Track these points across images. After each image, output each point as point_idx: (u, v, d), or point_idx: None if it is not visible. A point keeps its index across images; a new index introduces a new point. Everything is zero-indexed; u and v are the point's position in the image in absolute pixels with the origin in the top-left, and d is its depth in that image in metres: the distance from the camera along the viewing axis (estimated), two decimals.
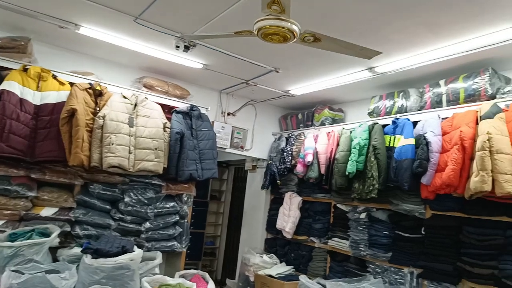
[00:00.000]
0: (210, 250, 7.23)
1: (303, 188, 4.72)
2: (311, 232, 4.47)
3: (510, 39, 2.68)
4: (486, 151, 2.57)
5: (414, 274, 3.31)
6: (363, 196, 3.57)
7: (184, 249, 3.95)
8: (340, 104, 4.88)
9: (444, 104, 3.33)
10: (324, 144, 4.26)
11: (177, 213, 3.89)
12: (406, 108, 3.64)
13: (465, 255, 2.94)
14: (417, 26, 2.71)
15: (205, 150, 4.01)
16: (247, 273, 4.68)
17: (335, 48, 2.31)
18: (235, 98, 5.05)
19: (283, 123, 5.40)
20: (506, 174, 2.49)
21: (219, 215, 7.43)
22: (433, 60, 3.18)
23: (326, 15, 2.64)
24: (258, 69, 3.87)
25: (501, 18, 2.50)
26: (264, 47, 3.06)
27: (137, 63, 4.13)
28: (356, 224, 3.89)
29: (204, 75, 4.29)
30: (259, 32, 2.08)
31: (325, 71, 3.82)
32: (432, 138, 3.08)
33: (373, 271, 3.70)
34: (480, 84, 3.07)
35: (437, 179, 2.99)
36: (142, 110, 3.63)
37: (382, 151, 3.50)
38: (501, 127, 2.64)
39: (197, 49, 3.42)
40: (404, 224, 3.50)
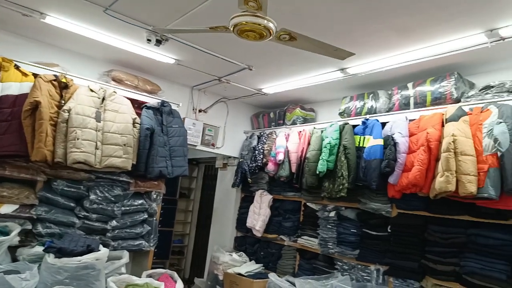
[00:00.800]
0: (178, 249, 7.13)
1: (273, 187, 4.74)
2: (281, 230, 4.49)
3: (475, 45, 2.80)
4: (451, 152, 2.67)
5: (380, 271, 3.39)
6: (333, 195, 3.63)
7: (152, 248, 3.86)
8: (311, 104, 4.93)
9: (412, 106, 3.44)
10: (295, 143, 4.29)
11: (145, 211, 3.79)
12: (375, 109, 3.73)
13: (429, 253, 3.05)
14: (388, 30, 2.77)
15: (176, 147, 3.93)
16: (216, 272, 4.64)
17: (310, 48, 2.32)
18: (207, 95, 5.00)
19: (255, 121, 5.40)
20: (469, 175, 2.59)
21: (188, 213, 7.34)
22: (402, 63, 3.27)
23: (301, 14, 2.65)
24: (231, 66, 3.84)
25: (468, 25, 2.60)
26: (238, 44, 3.03)
27: (106, 56, 3.99)
28: (325, 222, 3.94)
29: (176, 71, 4.21)
30: (235, 28, 2.06)
31: (298, 71, 3.84)
32: (400, 139, 3.16)
33: (341, 268, 3.77)
34: (446, 88, 3.18)
35: (403, 179, 3.07)
36: (110, 104, 3.51)
37: (352, 151, 3.56)
38: (465, 130, 2.74)
39: (169, 43, 3.34)
40: (372, 223, 3.58)
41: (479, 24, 2.58)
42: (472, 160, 2.63)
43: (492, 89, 2.97)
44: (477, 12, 2.44)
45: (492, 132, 2.57)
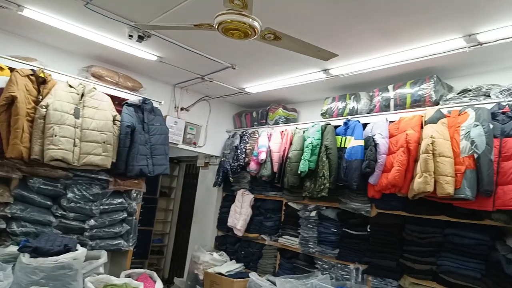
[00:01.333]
0: (157, 248, 7.04)
1: (255, 186, 4.74)
2: (262, 229, 4.50)
3: (454, 49, 2.87)
4: (430, 154, 2.73)
5: (359, 270, 3.44)
6: (314, 194, 3.66)
7: (131, 248, 3.80)
8: (294, 104, 4.96)
9: (392, 108, 3.50)
10: (277, 142, 4.30)
11: (124, 210, 3.73)
12: (357, 110, 3.78)
13: (407, 252, 3.12)
14: (371, 32, 2.81)
15: (157, 145, 3.88)
16: (196, 271, 4.61)
17: (294, 48, 2.33)
18: (189, 93, 4.95)
19: (237, 120, 5.39)
20: (447, 176, 2.65)
21: (168, 212, 7.25)
22: (383, 65, 3.33)
23: (286, 14, 2.65)
24: (214, 64, 3.81)
25: (448, 29, 2.67)
26: (222, 42, 3.02)
27: (86, 51, 3.90)
28: (306, 222, 3.97)
29: (158, 68, 4.15)
30: (219, 26, 2.05)
31: (281, 70, 3.85)
32: (380, 140, 3.21)
33: (321, 267, 3.80)
34: (426, 91, 3.25)
35: (383, 179, 3.12)
36: (89, 101, 3.43)
37: (333, 151, 3.60)
38: (444, 132, 2.81)
39: (152, 40, 3.30)
40: (351, 222, 3.63)
41: (459, 29, 2.65)
42: (450, 161, 2.70)
43: (470, 92, 3.05)
44: (457, 18, 2.50)
45: (469, 134, 2.64)
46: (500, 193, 2.49)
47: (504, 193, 2.47)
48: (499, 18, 2.44)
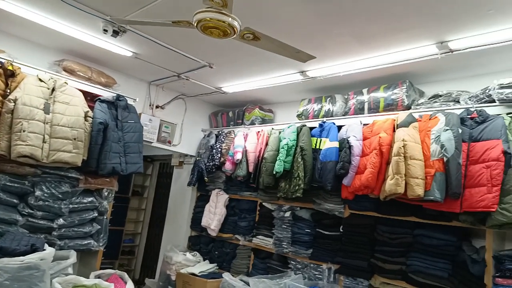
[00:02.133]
0: (128, 249, 6.89)
1: (230, 186, 4.72)
2: (236, 229, 4.49)
3: (427, 55, 2.96)
4: (401, 156, 2.80)
5: (331, 269, 3.49)
6: (288, 195, 3.68)
7: (102, 248, 3.70)
8: (270, 105, 4.97)
9: (366, 111, 3.57)
10: (253, 143, 4.31)
11: (95, 209, 3.63)
12: (332, 112, 3.83)
13: (378, 252, 3.19)
14: (348, 36, 2.86)
15: (131, 143, 3.80)
16: (168, 272, 4.54)
17: (273, 48, 2.34)
18: (165, 90, 4.88)
19: (213, 120, 5.35)
20: (417, 178, 2.73)
21: (140, 212, 7.12)
22: (359, 69, 3.39)
23: (265, 14, 2.65)
24: (191, 62, 3.77)
25: (421, 36, 2.75)
26: (199, 40, 2.99)
27: (58, 44, 3.77)
28: (280, 222, 3.99)
29: (133, 64, 4.07)
30: (198, 24, 2.02)
31: (258, 71, 3.86)
32: (354, 142, 3.27)
33: (294, 267, 3.83)
34: (398, 95, 3.34)
35: (356, 181, 3.18)
36: (60, 96, 3.32)
37: (308, 152, 3.64)
38: (415, 135, 2.89)
39: (127, 35, 3.23)
40: (325, 223, 3.68)
41: (431, 37, 2.73)
42: (420, 164, 2.77)
43: (440, 98, 3.16)
44: (430, 26, 2.58)
45: (439, 138, 2.73)
46: (467, 196, 2.59)
47: (471, 195, 2.57)
48: (469, 27, 2.54)
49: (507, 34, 2.53)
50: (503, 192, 2.45)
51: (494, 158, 2.50)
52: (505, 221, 2.42)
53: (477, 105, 2.87)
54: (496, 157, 2.49)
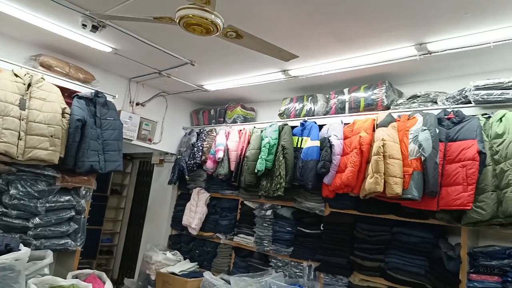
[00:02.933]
0: (107, 248, 6.78)
1: (211, 185, 4.70)
2: (217, 228, 4.47)
3: (406, 57, 3.02)
4: (381, 155, 2.85)
5: (312, 267, 3.52)
6: (270, 193, 3.69)
7: (79, 247, 3.62)
8: (252, 103, 4.97)
9: (347, 110, 3.62)
10: (235, 141, 4.30)
11: (72, 208, 3.55)
12: (313, 111, 3.86)
13: (357, 250, 3.23)
14: (330, 36, 2.88)
15: (110, 140, 3.73)
16: (148, 272, 4.49)
17: (256, 47, 2.34)
18: (145, 88, 4.81)
19: (195, 118, 5.31)
20: (395, 177, 2.78)
21: (119, 211, 7.00)
22: (340, 69, 3.43)
23: (249, 13, 2.65)
24: (173, 60, 3.73)
25: (400, 38, 2.80)
26: (181, 37, 2.96)
27: (34, 39, 3.66)
28: (261, 220, 4.00)
29: (113, 60, 3.99)
30: (181, 21, 2.00)
31: (241, 69, 3.85)
32: (335, 141, 3.31)
33: (275, 265, 3.85)
34: (378, 95, 3.40)
35: (337, 180, 3.21)
36: (37, 91, 3.23)
37: (290, 151, 3.66)
38: (394, 135, 2.95)
39: (107, 30, 3.16)
40: (306, 221, 3.71)
41: (411, 38, 2.79)
42: (399, 163, 2.83)
43: (418, 98, 3.23)
44: (409, 27, 2.63)
45: (417, 138, 2.79)
46: (444, 194, 2.66)
47: (447, 194, 2.64)
48: (447, 29, 2.61)
49: (482, 38, 2.61)
50: (478, 191, 2.53)
51: (470, 158, 2.57)
52: (479, 219, 2.49)
53: (454, 106, 2.95)
54: (472, 157, 2.56)
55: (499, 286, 2.52)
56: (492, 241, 2.82)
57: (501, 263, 2.53)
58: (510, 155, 2.43)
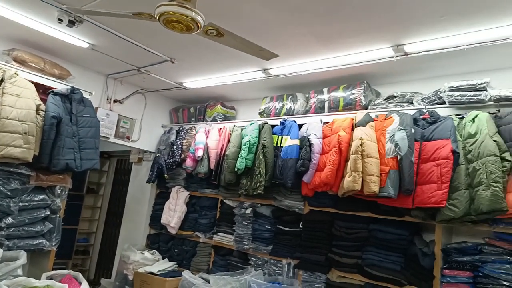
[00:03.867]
0: (83, 248, 6.64)
1: (191, 183, 4.67)
2: (196, 227, 4.45)
3: (384, 58, 3.07)
4: (359, 154, 2.90)
5: (291, 265, 3.55)
6: (250, 192, 3.70)
7: (54, 248, 3.54)
8: (232, 102, 4.96)
9: (326, 110, 3.66)
10: (215, 139, 4.29)
11: (47, 207, 3.47)
12: (293, 110, 3.89)
13: (335, 247, 3.28)
14: (310, 36, 2.91)
15: (86, 138, 3.65)
16: (125, 272, 4.42)
17: (236, 45, 2.34)
18: (123, 84, 4.72)
19: (174, 115, 5.26)
20: (373, 175, 2.84)
21: (96, 210, 6.87)
22: (319, 69, 3.46)
23: (230, 11, 2.63)
24: (152, 57, 3.68)
25: (378, 39, 2.85)
26: (161, 34, 2.93)
27: (8, 33, 3.53)
28: (241, 219, 4.01)
29: (90, 56, 3.90)
30: (161, 17, 1.97)
31: (221, 67, 3.84)
32: (315, 140, 3.35)
33: (255, 263, 3.87)
34: (356, 95, 3.45)
35: (316, 178, 3.25)
36: (10, 87, 3.14)
37: (270, 149, 3.67)
38: (371, 134, 3.00)
39: (84, 25, 3.09)
40: (285, 219, 3.73)
41: (388, 40, 2.84)
42: (376, 162, 2.89)
43: (395, 99, 3.30)
44: (387, 29, 2.69)
45: (393, 137, 2.85)
46: (419, 192, 2.73)
47: (422, 192, 2.71)
48: (423, 32, 2.67)
49: (456, 40, 2.69)
50: (452, 189, 2.61)
51: (444, 157, 2.65)
52: (453, 216, 2.57)
53: (429, 106, 3.03)
54: (446, 156, 2.64)
55: (470, 281, 2.62)
56: (465, 237, 2.91)
57: (473, 259, 2.63)
58: (482, 155, 2.52)
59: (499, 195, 2.39)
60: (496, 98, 2.69)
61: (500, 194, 2.40)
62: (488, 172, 2.45)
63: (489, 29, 2.52)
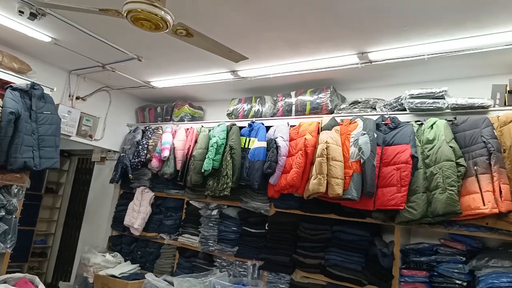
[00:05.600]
0: (40, 250, 6.35)
1: (156, 184, 4.59)
2: (161, 228, 4.38)
3: (349, 64, 3.16)
4: (324, 157, 2.97)
5: (256, 266, 3.58)
6: (216, 193, 3.69)
7: (9, 250, 3.37)
8: (201, 102, 4.93)
9: (293, 113, 3.72)
10: (182, 140, 4.24)
11: (2, 207, 3.30)
12: (261, 113, 3.92)
13: (300, 248, 3.33)
14: (279, 40, 2.95)
15: (46, 136, 3.51)
16: (85, 274, 4.28)
17: (206, 46, 2.33)
18: (87, 81, 4.58)
19: (140, 114, 5.16)
20: (337, 178, 2.91)
21: (54, 211, 6.59)
22: (288, 72, 3.52)
23: (200, 11, 2.62)
24: (118, 54, 3.59)
25: (345, 46, 2.93)
26: (129, 31, 2.86)
27: None
28: (207, 220, 3.99)
29: (52, 51, 3.75)
30: (128, 14, 1.93)
31: (190, 67, 3.81)
32: (281, 143, 3.39)
33: (220, 265, 3.86)
34: (323, 100, 3.53)
35: (282, 180, 3.29)
36: None
37: (237, 151, 3.68)
38: (337, 138, 3.08)
39: (47, 19, 2.97)
40: (251, 221, 3.75)
41: (354, 47, 2.93)
42: (341, 165, 2.97)
43: (359, 104, 3.41)
44: (353, 37, 2.77)
45: (357, 141, 2.94)
46: (380, 195, 2.83)
47: (383, 194, 2.81)
48: (386, 41, 2.78)
49: (418, 50, 2.82)
50: (410, 192, 2.73)
51: (404, 161, 2.77)
52: (411, 218, 2.69)
53: (391, 112, 3.15)
54: (405, 160, 2.76)
55: (426, 280, 2.74)
56: (422, 238, 3.05)
57: (429, 259, 2.75)
58: (439, 160, 2.65)
59: (454, 198, 2.52)
60: (453, 106, 2.84)
61: (455, 197, 2.53)
62: (445, 176, 2.58)
63: (448, 41, 2.66)
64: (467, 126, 2.71)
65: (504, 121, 2.59)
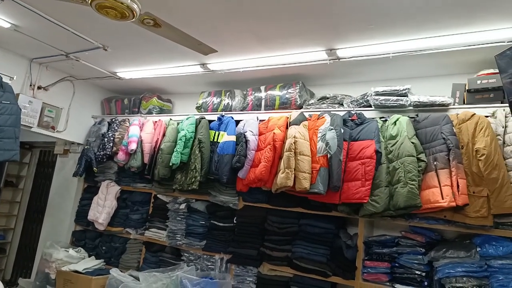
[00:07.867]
0: None
1: (122, 177, 4.49)
2: (127, 223, 4.30)
3: (318, 60, 3.21)
4: (292, 152, 3.01)
5: (224, 259, 3.58)
6: (184, 187, 3.66)
7: None
8: (169, 95, 4.85)
9: (263, 107, 3.74)
10: (149, 133, 4.17)
11: None
12: (231, 107, 3.91)
13: (267, 241, 3.37)
14: (249, 34, 2.94)
15: (5, 127, 3.36)
16: (47, 270, 4.14)
17: (174, 38, 2.30)
18: (49, 70, 4.39)
19: (106, 106, 5.01)
20: (304, 172, 2.96)
21: (14, 205, 6.32)
22: (257, 67, 3.52)
23: (168, 2, 2.57)
24: (83, 42, 3.47)
25: (314, 42, 2.97)
26: (94, 19, 2.77)
27: None
28: (175, 214, 3.95)
29: (12, 38, 3.57)
30: (93, 2, 1.88)
31: (158, 59, 3.73)
32: (251, 137, 3.40)
33: (187, 259, 3.84)
34: (292, 95, 3.57)
35: (251, 174, 3.31)
36: None
37: (206, 145, 3.66)
38: (305, 133, 3.13)
39: (6, 3, 2.83)
40: (219, 214, 3.74)
41: (322, 43, 2.98)
42: (308, 160, 3.01)
43: (327, 100, 3.47)
44: (321, 33, 2.81)
45: (325, 137, 2.99)
46: (345, 189, 2.90)
47: (348, 188, 2.89)
48: (353, 38, 2.84)
49: (383, 48, 2.90)
50: (374, 186, 2.81)
51: (368, 156, 2.85)
52: (374, 211, 2.77)
53: (357, 108, 3.23)
54: (370, 155, 2.84)
55: (388, 271, 2.85)
56: (384, 231, 3.15)
57: (391, 251, 2.86)
58: (401, 155, 2.74)
59: (414, 192, 2.62)
60: (415, 103, 2.94)
61: (416, 191, 2.63)
62: (406, 171, 2.68)
63: (412, 40, 2.75)
64: (428, 123, 2.82)
65: (463, 118, 2.72)
